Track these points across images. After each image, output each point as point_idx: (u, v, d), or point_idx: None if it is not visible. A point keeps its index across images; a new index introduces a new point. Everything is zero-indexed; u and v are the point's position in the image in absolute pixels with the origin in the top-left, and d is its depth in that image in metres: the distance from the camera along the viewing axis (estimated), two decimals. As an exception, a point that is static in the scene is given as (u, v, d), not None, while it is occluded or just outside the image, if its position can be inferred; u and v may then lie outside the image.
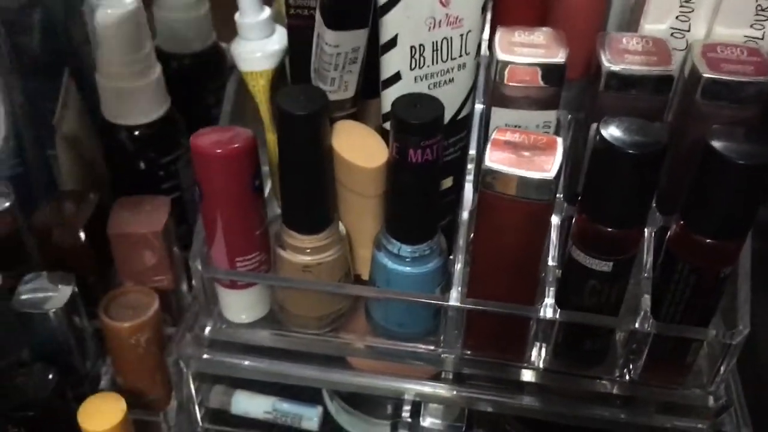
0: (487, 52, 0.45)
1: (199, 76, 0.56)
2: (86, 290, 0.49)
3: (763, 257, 0.43)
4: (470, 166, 0.46)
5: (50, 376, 0.47)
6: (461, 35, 0.39)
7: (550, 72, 0.39)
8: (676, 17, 0.39)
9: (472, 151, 0.46)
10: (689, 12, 0.39)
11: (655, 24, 0.40)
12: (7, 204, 0.49)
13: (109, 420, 0.45)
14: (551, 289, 0.42)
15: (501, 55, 0.39)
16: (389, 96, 0.40)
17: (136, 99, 0.48)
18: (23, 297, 0.47)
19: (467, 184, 0.46)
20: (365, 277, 0.45)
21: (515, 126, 0.40)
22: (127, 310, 0.48)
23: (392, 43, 0.38)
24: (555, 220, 0.44)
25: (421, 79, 0.39)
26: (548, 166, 0.37)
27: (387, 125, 0.41)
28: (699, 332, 0.40)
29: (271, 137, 0.45)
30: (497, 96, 0.40)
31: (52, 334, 0.47)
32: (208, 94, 0.57)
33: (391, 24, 0.37)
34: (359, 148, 0.40)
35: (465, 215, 0.45)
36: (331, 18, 0.36)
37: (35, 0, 0.55)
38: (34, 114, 0.54)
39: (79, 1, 0.57)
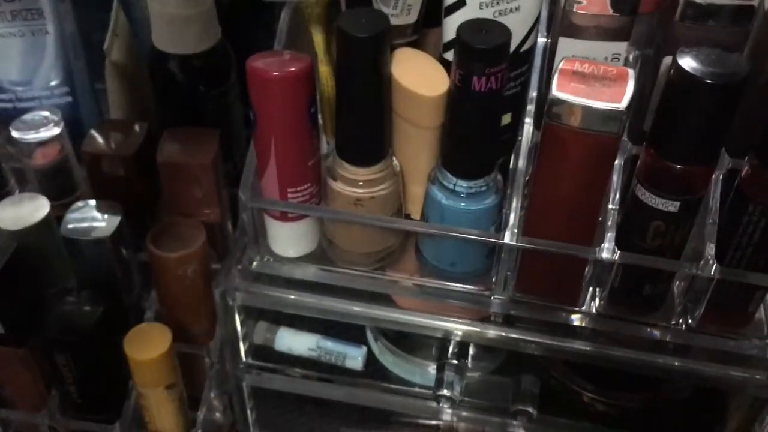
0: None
1: (248, 9, 0.55)
2: (133, 221, 0.48)
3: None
4: (530, 107, 0.45)
5: (96, 305, 0.47)
6: (530, -41, 0.38)
7: (622, 0, 0.37)
8: (760, -55, 0.37)
9: (533, 93, 0.45)
10: (774, -61, 0.37)
11: (735, -47, 0.38)
12: (57, 131, 0.48)
13: (155, 349, 0.45)
14: (610, 233, 0.41)
15: (572, -19, 0.37)
16: (451, 23, 0.38)
17: (188, 27, 0.46)
18: (70, 225, 0.47)
19: (526, 125, 0.45)
20: (416, 216, 0.44)
21: (583, 57, 0.39)
22: (174, 242, 0.47)
23: (459, -35, 0.37)
24: (617, 160, 0.42)
25: (486, 6, 0.38)
26: (619, 97, 0.35)
27: (447, 55, 0.40)
28: (765, 279, 0.39)
29: (325, 69, 0.44)
30: (565, 25, 0.38)
31: (99, 263, 0.47)
32: (258, 28, 0.55)
33: (458, -55, 0.36)
34: (419, 77, 0.39)
35: (522, 155, 0.43)
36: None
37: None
38: (83, 44, 0.53)
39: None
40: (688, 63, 0.34)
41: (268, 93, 0.38)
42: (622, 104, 0.35)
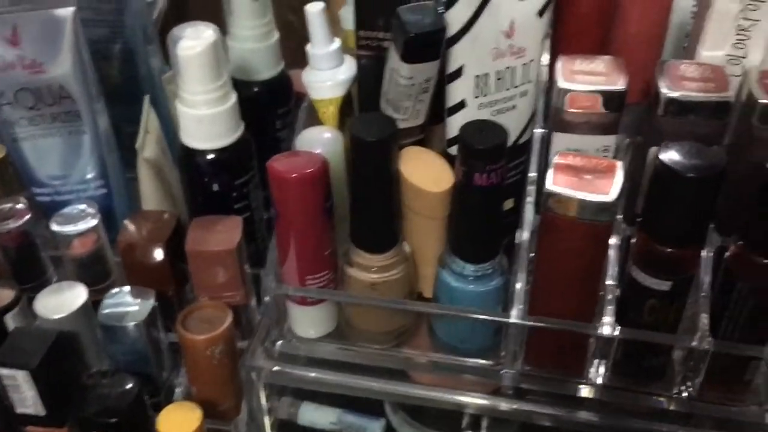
0: (546, 78, 0.47)
1: (267, 103, 0.59)
2: (164, 304, 0.52)
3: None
4: (530, 188, 0.48)
5: (131, 385, 0.50)
6: (524, 64, 0.41)
7: (610, 99, 0.40)
8: (732, 45, 0.41)
9: (532, 174, 0.48)
10: (745, 39, 0.41)
11: (712, 51, 0.41)
12: (93, 223, 0.52)
13: (186, 427, 0.48)
14: (610, 307, 0.43)
15: (563, 83, 0.41)
16: (454, 122, 0.42)
17: (213, 125, 0.51)
18: (106, 311, 0.50)
19: (528, 205, 0.48)
20: (428, 294, 0.47)
21: (576, 150, 0.42)
22: (202, 324, 0.50)
23: (458, 73, 0.40)
24: (614, 240, 0.45)
25: (485, 107, 0.42)
26: (608, 189, 0.38)
27: (452, 150, 0.43)
28: (756, 350, 0.41)
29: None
30: (558, 121, 0.42)
31: (133, 346, 0.50)
32: (276, 119, 0.59)
33: (457, 55, 0.40)
34: (426, 173, 0.42)
35: (525, 235, 0.46)
36: (407, 53, 0.38)
37: (117, 31, 0.59)
38: (115, 136, 0.58)
39: (155, 33, 0.61)
40: (670, 158, 0.37)
41: (287, 193, 0.42)
42: (612, 196, 0.38)
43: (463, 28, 0.38)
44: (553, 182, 0.39)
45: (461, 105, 0.41)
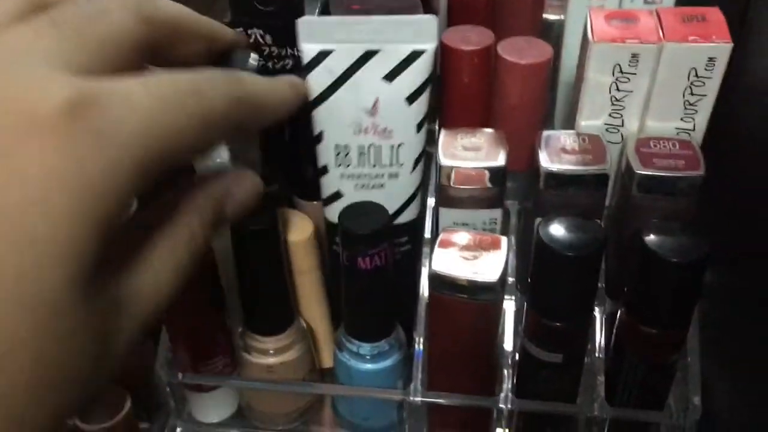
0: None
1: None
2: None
3: (713, 320, 0.44)
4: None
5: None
6: (391, 146, 0.39)
7: (492, 174, 0.40)
8: (609, 114, 0.41)
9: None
10: (621, 109, 0.41)
11: (589, 120, 0.41)
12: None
13: None
14: (510, 371, 0.43)
15: (444, 160, 0.40)
16: (324, 184, 0.40)
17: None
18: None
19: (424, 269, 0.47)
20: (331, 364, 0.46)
21: (463, 224, 0.42)
22: (100, 411, 0.48)
23: (319, 138, 0.39)
24: (512, 306, 0.45)
25: (347, 177, 0.40)
26: (493, 267, 0.38)
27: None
28: (653, 416, 0.41)
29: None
30: (444, 197, 0.41)
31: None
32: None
33: (317, 120, 0.38)
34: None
35: (422, 307, 0.46)
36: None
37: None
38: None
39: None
40: (549, 234, 0.37)
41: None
42: (495, 276, 0.37)
43: (320, 96, 0.37)
44: (437, 262, 0.38)
45: (324, 170, 0.40)
